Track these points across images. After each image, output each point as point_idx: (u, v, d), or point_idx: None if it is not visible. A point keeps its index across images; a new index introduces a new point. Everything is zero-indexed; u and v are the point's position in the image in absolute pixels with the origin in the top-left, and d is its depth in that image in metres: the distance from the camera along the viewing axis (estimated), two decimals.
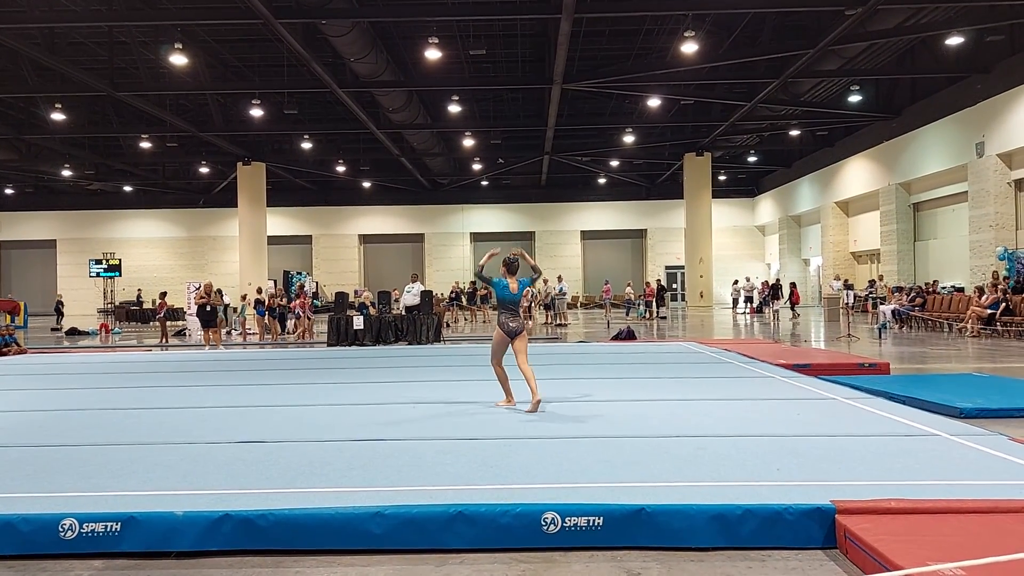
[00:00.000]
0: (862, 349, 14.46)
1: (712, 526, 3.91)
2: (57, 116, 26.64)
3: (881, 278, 24.43)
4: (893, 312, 20.58)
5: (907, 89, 26.12)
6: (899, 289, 22.30)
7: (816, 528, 3.92)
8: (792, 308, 26.54)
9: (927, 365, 12.02)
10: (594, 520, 3.92)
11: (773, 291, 25.96)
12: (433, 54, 20.34)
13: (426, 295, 18.39)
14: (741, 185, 42.89)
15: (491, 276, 7.76)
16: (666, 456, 5.21)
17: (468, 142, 32.56)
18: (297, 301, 20.61)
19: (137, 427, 6.74)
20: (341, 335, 17.49)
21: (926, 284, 22.43)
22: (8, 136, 29.13)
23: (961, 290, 21.39)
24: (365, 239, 43.65)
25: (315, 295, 31.66)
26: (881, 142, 27.21)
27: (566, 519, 3.92)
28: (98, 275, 33.67)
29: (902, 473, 4.73)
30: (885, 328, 18.60)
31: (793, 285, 27.49)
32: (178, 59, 20.58)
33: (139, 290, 38.05)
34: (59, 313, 29.12)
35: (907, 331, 19.49)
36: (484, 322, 27.36)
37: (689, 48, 20.00)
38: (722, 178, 40.67)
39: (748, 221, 42.81)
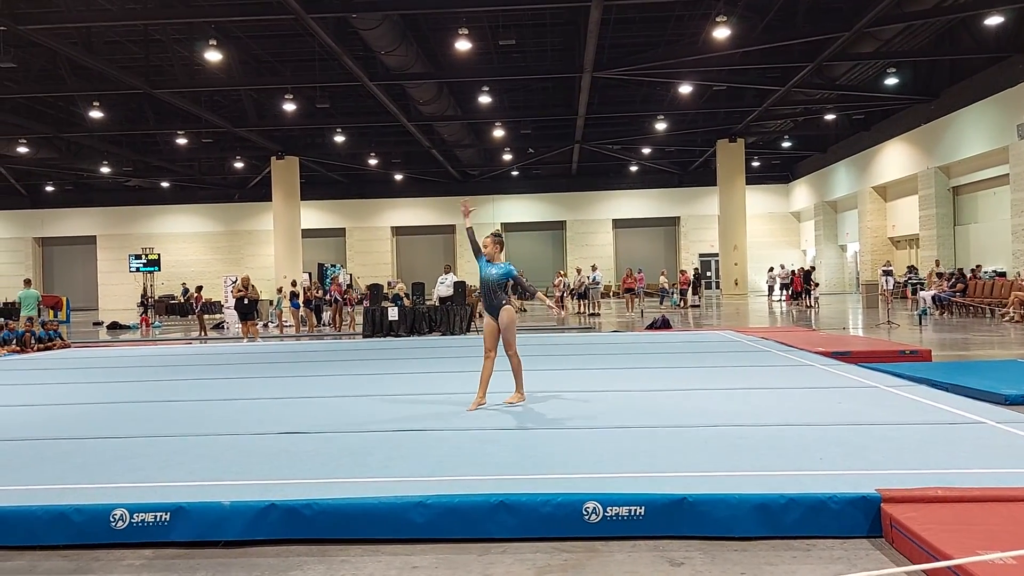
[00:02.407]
0: (903, 336, 14.25)
1: (755, 515, 3.88)
2: (95, 114, 27.08)
3: (937, 263, 23.80)
4: (934, 298, 20.23)
5: (946, 70, 25.59)
6: (939, 275, 21.91)
7: (861, 517, 3.88)
8: (797, 296, 26.33)
9: (970, 352, 11.81)
10: (636, 510, 3.92)
11: (806, 277, 25.68)
12: (463, 45, 20.34)
13: (459, 286, 18.47)
14: (775, 171, 42.38)
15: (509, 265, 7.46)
16: (706, 445, 5.18)
17: (498, 133, 32.53)
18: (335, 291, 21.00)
19: (181, 419, 6.85)
20: (376, 326, 17.64)
21: (970, 269, 21.99)
22: (48, 135, 29.69)
23: (1003, 275, 20.96)
24: (397, 231, 43.88)
25: (349, 286, 31.92)
26: (919, 125, 26.70)
27: (608, 508, 3.92)
28: (138, 270, 34.23)
29: (948, 461, 4.66)
30: (925, 314, 18.31)
31: (793, 272, 27.26)
32: (212, 56, 20.82)
33: (183, 284, 38.64)
34: (144, 306, 29.70)
35: (948, 317, 19.16)
36: (518, 311, 27.41)
37: (721, 33, 19.76)
38: (756, 164, 40.21)
39: (783, 207, 42.31)
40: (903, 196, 29.23)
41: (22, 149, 31.29)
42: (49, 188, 42.84)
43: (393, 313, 17.63)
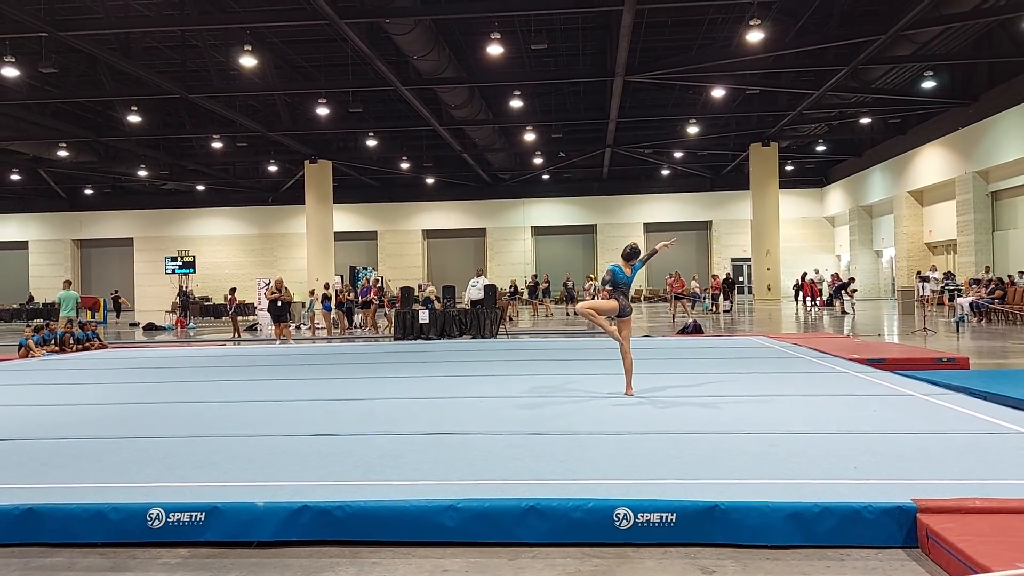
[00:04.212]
0: (939, 343, 14.01)
1: (788, 524, 3.85)
2: (133, 118, 27.56)
3: (987, 270, 23.22)
4: (971, 305, 19.88)
5: (984, 74, 25.15)
6: (976, 281, 21.51)
7: (896, 527, 3.83)
8: (806, 301, 26.06)
9: (1009, 360, 11.59)
10: (667, 516, 3.90)
11: (842, 287, 25.32)
12: (495, 49, 20.39)
13: (490, 289, 18.50)
14: (809, 175, 41.91)
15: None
16: (738, 453, 5.14)
17: (529, 136, 32.56)
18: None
19: (216, 420, 6.95)
20: (407, 329, 17.72)
21: (1008, 276, 21.55)
22: (88, 139, 30.28)
23: None
24: (428, 234, 44.09)
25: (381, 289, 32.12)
26: (957, 129, 26.26)
27: (639, 515, 3.91)
28: (173, 272, 34.72)
29: (986, 471, 4.58)
30: (963, 321, 17.99)
31: (803, 278, 26.91)
32: (247, 61, 21.08)
33: (183, 288, 38.98)
34: (184, 307, 29.86)
35: (986, 324, 18.81)
36: (546, 316, 27.37)
37: (755, 36, 19.60)
38: (789, 168, 39.80)
39: (817, 212, 41.83)
40: (940, 201, 28.76)
41: (62, 153, 31.92)
42: (88, 191, 43.69)
43: (424, 316, 17.70)
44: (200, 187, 42.44)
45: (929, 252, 30.40)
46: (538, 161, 38.29)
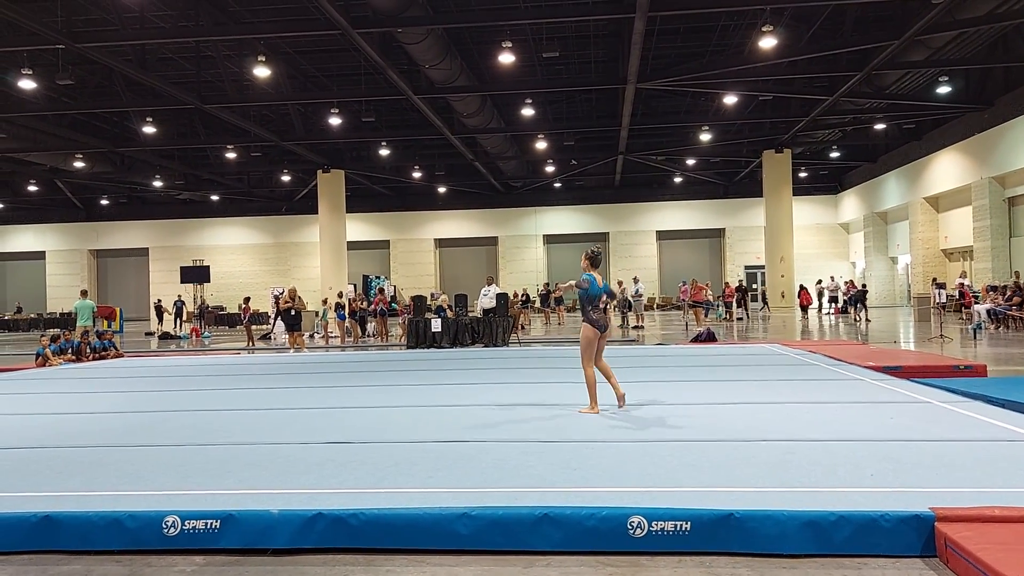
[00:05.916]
0: (956, 351, 13.90)
1: (804, 533, 3.82)
2: (148, 129, 27.79)
3: (1018, 275, 22.83)
4: (989, 312, 19.71)
5: (1000, 78, 25.00)
6: (994, 288, 21.33)
7: (914, 536, 3.79)
8: (805, 309, 25.92)
9: None
10: (682, 525, 3.88)
11: (860, 296, 25.14)
12: (506, 58, 20.43)
13: (502, 297, 18.50)
14: (823, 181, 41.75)
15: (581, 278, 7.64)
16: (754, 461, 5.11)
17: (541, 144, 32.59)
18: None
19: (231, 428, 6.97)
20: (420, 337, 17.74)
21: None
22: (104, 149, 30.54)
23: None
24: (441, 243, 44.18)
25: (392, 299, 32.19)
26: (973, 134, 26.10)
27: (653, 523, 3.89)
28: (188, 281, 34.95)
29: (1005, 480, 4.53)
30: (980, 328, 17.84)
31: (802, 287, 26.78)
32: (261, 71, 21.22)
33: (159, 302, 39.25)
34: (201, 316, 29.72)
35: (1003, 331, 18.65)
36: (558, 324, 27.34)
37: (767, 43, 19.55)
38: (803, 175, 39.65)
39: (831, 219, 41.64)
40: (956, 207, 28.58)
41: (79, 163, 32.22)
42: (104, 201, 44.06)
43: (436, 325, 17.72)
44: (215, 197, 42.73)
45: (945, 258, 30.20)
46: (550, 169, 38.32)
